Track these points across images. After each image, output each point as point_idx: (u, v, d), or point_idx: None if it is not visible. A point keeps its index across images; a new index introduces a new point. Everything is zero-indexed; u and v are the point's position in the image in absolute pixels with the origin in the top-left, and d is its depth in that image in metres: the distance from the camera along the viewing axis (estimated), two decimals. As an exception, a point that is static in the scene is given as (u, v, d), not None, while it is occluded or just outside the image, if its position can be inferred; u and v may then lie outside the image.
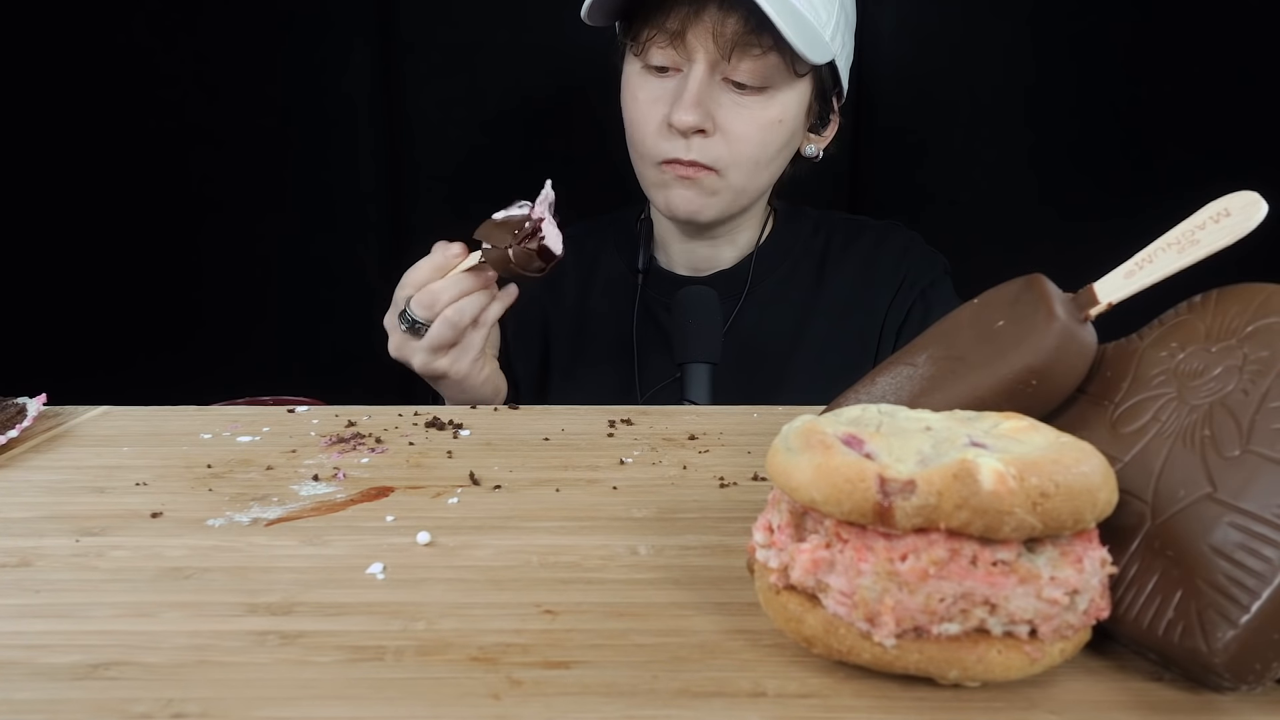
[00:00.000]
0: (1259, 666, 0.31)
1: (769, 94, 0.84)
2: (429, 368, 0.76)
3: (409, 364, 0.77)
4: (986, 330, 0.45)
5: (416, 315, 0.74)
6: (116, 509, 0.49)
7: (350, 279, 1.25)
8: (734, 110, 0.84)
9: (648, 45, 0.85)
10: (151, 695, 0.33)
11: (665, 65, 0.85)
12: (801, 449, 0.34)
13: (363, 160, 1.22)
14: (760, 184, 0.90)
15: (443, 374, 0.76)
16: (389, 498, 0.51)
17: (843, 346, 0.93)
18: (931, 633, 0.32)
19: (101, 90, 1.18)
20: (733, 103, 0.84)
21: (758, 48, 0.81)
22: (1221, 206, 0.40)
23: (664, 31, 0.83)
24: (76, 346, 1.23)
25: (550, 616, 0.38)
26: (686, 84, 0.83)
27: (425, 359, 0.75)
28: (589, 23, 0.85)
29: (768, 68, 0.83)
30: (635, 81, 0.88)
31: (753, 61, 0.82)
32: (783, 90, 0.85)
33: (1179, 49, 1.14)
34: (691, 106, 0.82)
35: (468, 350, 0.75)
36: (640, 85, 0.87)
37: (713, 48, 0.82)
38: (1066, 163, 1.19)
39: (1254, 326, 0.38)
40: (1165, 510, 0.35)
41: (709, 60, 0.83)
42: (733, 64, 0.82)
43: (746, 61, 0.82)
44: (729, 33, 0.81)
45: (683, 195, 0.87)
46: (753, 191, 0.90)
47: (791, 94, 0.86)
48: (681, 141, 0.85)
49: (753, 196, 0.91)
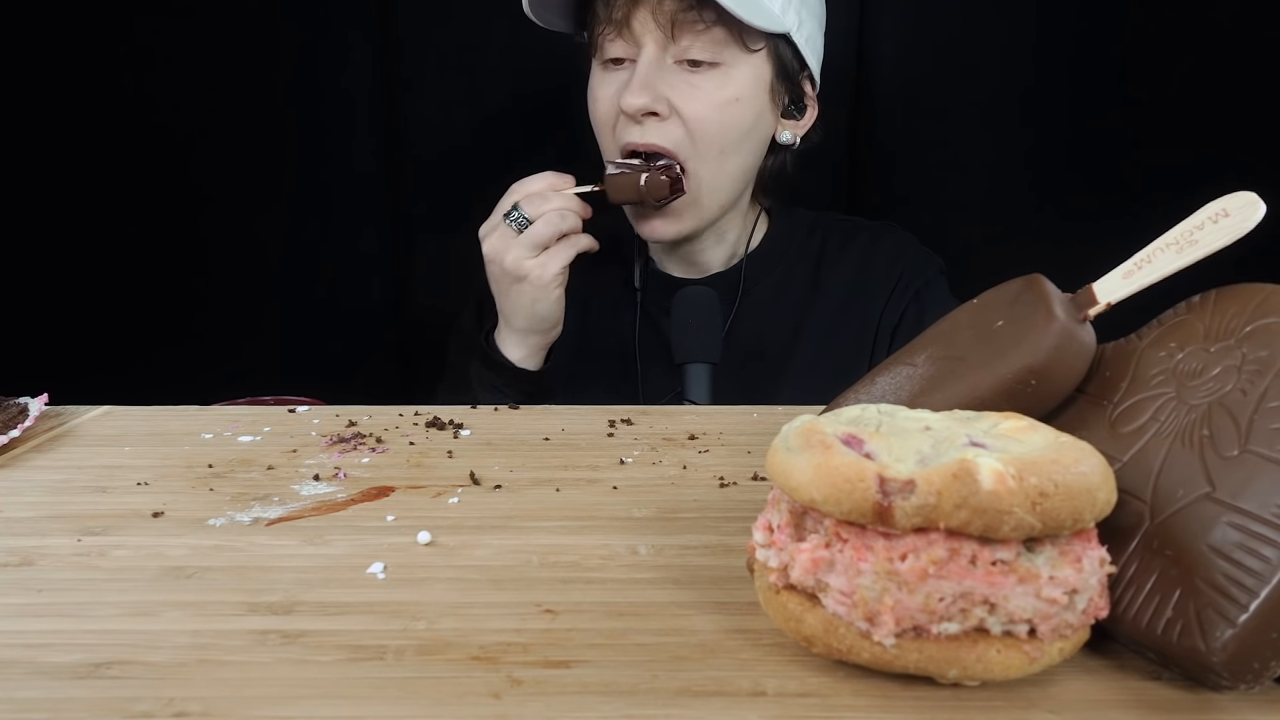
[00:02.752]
0: (1257, 665, 0.31)
1: (723, 70, 0.84)
2: (519, 265, 0.82)
3: (500, 263, 0.82)
4: (986, 330, 0.45)
5: (525, 212, 0.81)
6: (118, 508, 0.49)
7: (350, 278, 1.25)
8: (687, 91, 0.84)
9: (600, 41, 0.86)
10: (153, 694, 0.33)
11: (620, 56, 0.85)
12: (801, 449, 0.34)
13: (362, 159, 1.22)
14: (730, 174, 0.88)
15: (526, 275, 0.82)
16: (389, 497, 0.51)
17: (839, 347, 0.93)
18: (931, 632, 0.32)
19: (102, 89, 1.18)
20: (685, 83, 0.84)
21: (700, 22, 0.82)
22: (1220, 207, 0.40)
23: (611, 23, 0.84)
24: (78, 346, 1.23)
25: (550, 616, 0.38)
26: (635, 69, 0.83)
27: (519, 254, 0.81)
28: (538, 22, 0.87)
29: (715, 42, 0.83)
30: (595, 80, 0.89)
31: (696, 36, 0.82)
32: (737, 66, 0.84)
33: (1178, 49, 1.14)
34: (640, 89, 0.82)
35: (557, 257, 0.82)
36: (599, 82, 0.88)
37: (655, 28, 0.82)
38: (1065, 163, 1.19)
39: (1252, 326, 0.38)
40: (1164, 510, 0.35)
41: (656, 42, 0.83)
42: (678, 42, 0.82)
43: (689, 37, 0.82)
44: (668, 10, 0.81)
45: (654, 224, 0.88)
46: (726, 185, 0.89)
47: (746, 70, 0.85)
48: (636, 127, 0.84)
49: (729, 191, 0.89)
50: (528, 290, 0.83)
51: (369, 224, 1.24)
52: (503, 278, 0.84)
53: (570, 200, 0.82)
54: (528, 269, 0.82)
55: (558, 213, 0.81)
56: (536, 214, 0.81)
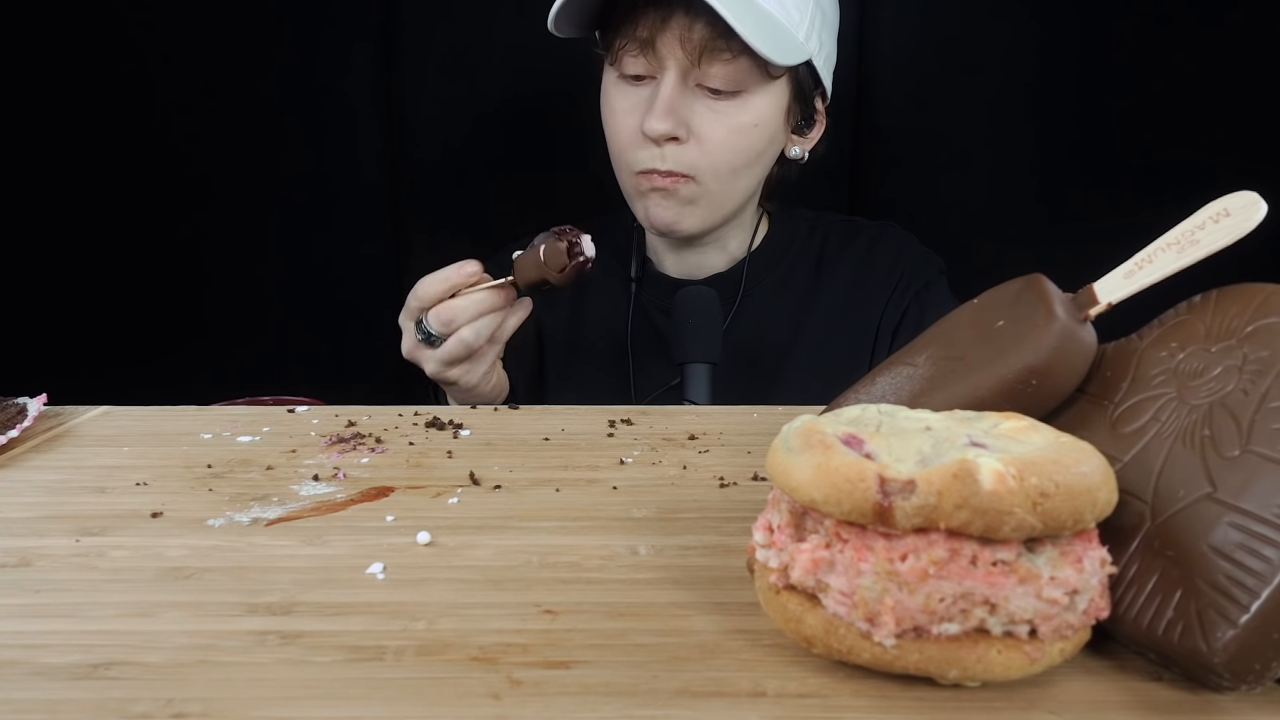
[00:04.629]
0: (1259, 666, 0.31)
1: (743, 98, 0.83)
2: (441, 376, 0.76)
3: (420, 366, 0.77)
4: (986, 330, 0.45)
5: (432, 329, 0.74)
6: (117, 509, 0.49)
7: (350, 279, 1.25)
8: (708, 116, 0.83)
9: (620, 55, 0.84)
10: (151, 695, 0.33)
11: (640, 74, 0.84)
12: (801, 449, 0.34)
13: (363, 160, 1.22)
14: (739, 190, 0.89)
15: (453, 383, 0.77)
16: (389, 498, 0.51)
17: (840, 348, 0.93)
18: (931, 632, 0.32)
19: (101, 89, 1.18)
20: (706, 109, 0.83)
21: (727, 52, 0.80)
22: (1221, 206, 0.40)
23: (634, 40, 0.82)
24: (77, 347, 1.23)
25: (550, 616, 0.38)
26: (659, 92, 0.82)
27: (437, 369, 0.76)
28: (557, 34, 0.84)
29: (739, 72, 0.82)
30: (612, 92, 0.88)
31: (723, 66, 0.81)
32: (757, 94, 0.84)
33: (1179, 49, 1.14)
34: (663, 115, 0.82)
35: (480, 363, 0.76)
36: (617, 95, 0.87)
37: (681, 54, 0.81)
38: (1066, 163, 1.19)
39: (1254, 326, 0.38)
40: (1165, 510, 0.35)
41: (680, 67, 0.82)
42: (703, 70, 0.82)
43: (716, 66, 0.81)
44: (696, 38, 0.80)
45: (660, 205, 0.87)
46: (732, 198, 0.89)
47: (767, 97, 0.85)
48: (656, 150, 0.84)
49: (734, 203, 0.90)
50: (457, 391, 0.78)
51: (369, 224, 1.24)
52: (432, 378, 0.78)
53: (481, 303, 0.73)
54: (453, 378, 0.76)
55: (470, 329, 0.73)
56: (445, 330, 0.73)
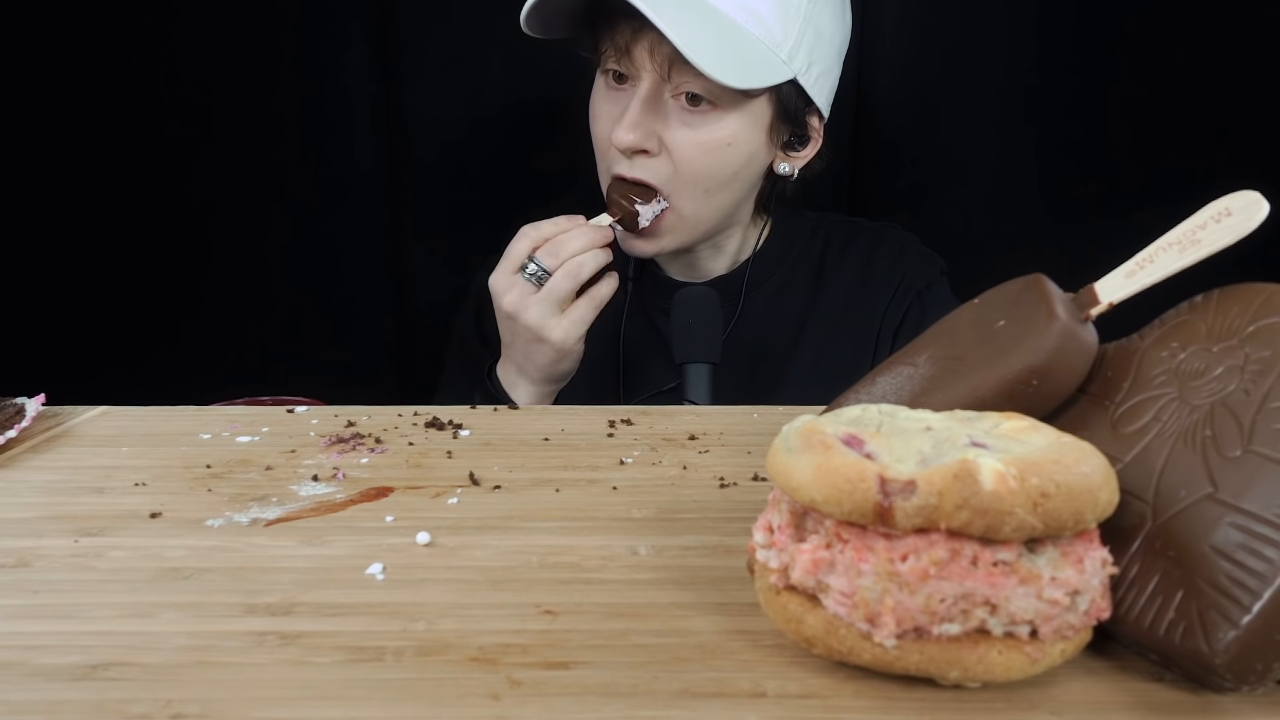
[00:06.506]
0: (1260, 667, 0.31)
1: (718, 114, 0.81)
2: (542, 326, 0.76)
3: (520, 320, 0.77)
4: (987, 330, 0.45)
5: (542, 263, 0.76)
6: (115, 509, 0.49)
7: (349, 278, 1.25)
8: (680, 130, 0.81)
9: (604, 56, 0.84)
10: (150, 696, 0.33)
11: (624, 74, 0.84)
12: (801, 449, 0.34)
13: (362, 159, 1.21)
14: (715, 209, 0.86)
15: (549, 338, 0.77)
16: (389, 498, 0.51)
17: (841, 348, 0.93)
18: (932, 633, 0.32)
19: (101, 89, 1.18)
20: (680, 122, 0.82)
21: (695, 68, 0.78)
22: (1223, 206, 0.40)
23: (614, 46, 0.82)
24: (75, 346, 1.23)
25: (550, 617, 0.38)
26: (629, 103, 0.81)
27: (541, 313, 0.76)
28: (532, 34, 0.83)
29: (711, 87, 0.79)
30: (598, 93, 0.87)
31: (695, 79, 0.79)
32: (732, 111, 0.81)
33: (1180, 49, 1.14)
34: (630, 127, 0.80)
35: (582, 319, 0.77)
36: (600, 99, 0.86)
37: (652, 67, 0.80)
38: (1067, 163, 1.19)
39: (1255, 326, 0.38)
40: (1166, 510, 0.35)
41: (652, 79, 0.81)
42: (674, 83, 0.80)
43: (688, 79, 0.80)
44: (667, 50, 0.78)
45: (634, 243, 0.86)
46: (709, 217, 0.87)
47: (743, 115, 0.82)
48: (625, 160, 0.83)
49: (712, 221, 0.88)
50: (548, 352, 0.78)
51: (368, 223, 1.24)
52: (522, 334, 0.78)
53: (587, 235, 0.77)
54: (550, 331, 0.76)
55: (575, 262, 0.76)
56: (555, 263, 0.76)
